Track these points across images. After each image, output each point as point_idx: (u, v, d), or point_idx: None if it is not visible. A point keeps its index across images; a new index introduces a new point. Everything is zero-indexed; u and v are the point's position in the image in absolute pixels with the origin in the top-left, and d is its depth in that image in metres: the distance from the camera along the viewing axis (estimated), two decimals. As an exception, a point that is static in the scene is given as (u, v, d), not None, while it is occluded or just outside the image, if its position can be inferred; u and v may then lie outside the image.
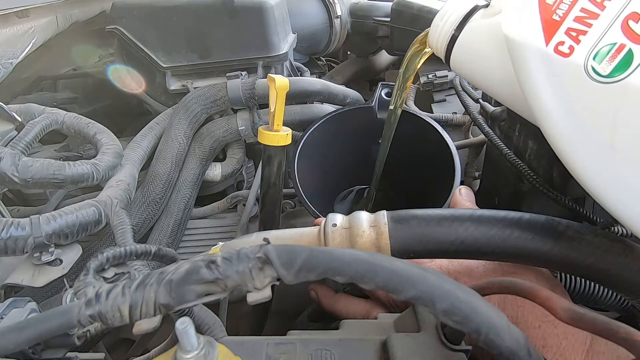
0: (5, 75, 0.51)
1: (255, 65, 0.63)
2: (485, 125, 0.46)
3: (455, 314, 0.18)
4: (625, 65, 0.22)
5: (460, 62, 0.34)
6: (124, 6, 0.61)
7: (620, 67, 0.22)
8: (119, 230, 0.43)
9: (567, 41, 0.24)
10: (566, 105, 0.24)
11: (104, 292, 0.19)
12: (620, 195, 0.23)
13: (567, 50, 0.24)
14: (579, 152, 0.24)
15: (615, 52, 0.22)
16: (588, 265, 0.28)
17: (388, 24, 0.92)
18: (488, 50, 0.30)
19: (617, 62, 0.22)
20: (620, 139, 0.23)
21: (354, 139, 0.57)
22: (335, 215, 0.34)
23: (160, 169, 0.56)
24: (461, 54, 0.33)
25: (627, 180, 0.23)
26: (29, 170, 0.41)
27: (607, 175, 0.24)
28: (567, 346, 0.28)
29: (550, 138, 0.25)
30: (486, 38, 0.31)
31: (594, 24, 0.23)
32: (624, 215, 0.24)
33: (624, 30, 0.22)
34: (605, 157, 0.23)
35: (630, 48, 0.22)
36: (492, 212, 0.30)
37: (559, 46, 0.24)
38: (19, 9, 0.53)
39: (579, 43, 0.23)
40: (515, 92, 0.27)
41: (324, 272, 0.19)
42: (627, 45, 0.22)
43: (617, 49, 0.22)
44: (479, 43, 0.31)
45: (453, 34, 0.33)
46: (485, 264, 0.34)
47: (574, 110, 0.24)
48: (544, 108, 0.25)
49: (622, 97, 0.22)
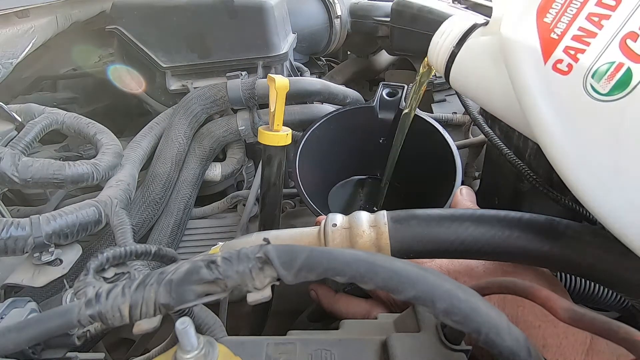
0: (5, 75, 0.51)
1: (255, 65, 0.63)
2: (485, 125, 0.46)
3: (455, 314, 0.18)
4: (625, 84, 0.22)
5: (459, 79, 0.34)
6: (124, 6, 0.61)
7: (619, 86, 0.22)
8: (119, 230, 0.43)
9: (566, 59, 0.24)
10: (566, 123, 0.24)
11: (104, 292, 0.19)
12: (629, 218, 0.23)
13: (566, 68, 0.24)
14: (581, 172, 0.24)
15: (614, 71, 0.22)
16: (588, 265, 0.28)
17: (388, 24, 0.92)
18: (487, 67, 0.30)
19: (615, 80, 0.22)
20: (623, 160, 0.22)
21: (355, 138, 0.57)
22: (335, 215, 0.34)
23: (160, 169, 0.56)
24: (460, 71, 0.33)
25: (635, 202, 0.23)
26: (29, 170, 0.41)
27: (613, 198, 0.23)
28: (567, 346, 0.28)
29: (551, 157, 0.25)
30: (485, 55, 0.31)
31: (592, 42, 0.23)
32: (635, 239, 0.23)
33: (622, 49, 0.22)
34: (609, 179, 0.23)
35: (629, 67, 0.22)
36: (492, 212, 0.30)
37: (558, 64, 0.24)
38: (19, 9, 0.53)
39: (577, 61, 0.23)
40: (515, 109, 0.27)
41: (323, 272, 0.19)
42: (626, 64, 0.22)
43: (616, 68, 0.22)
44: (478, 60, 0.31)
45: (452, 51, 0.33)
46: (485, 264, 0.34)
47: (574, 130, 0.24)
48: (544, 127, 0.25)
49: (623, 115, 0.22)
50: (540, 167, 0.39)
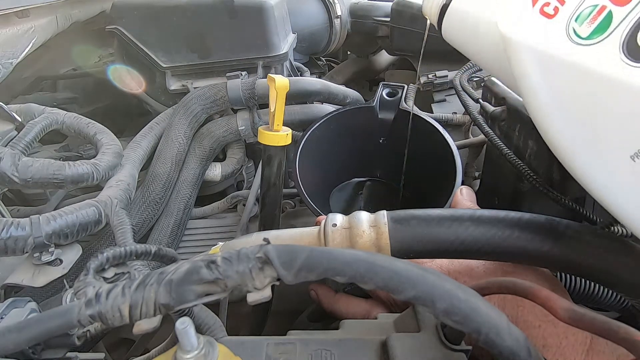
0: (5, 75, 0.51)
1: (255, 65, 0.63)
2: (485, 125, 0.46)
3: (455, 314, 0.18)
4: (604, 27, 0.22)
5: (451, 31, 0.34)
6: (124, 6, 0.61)
7: (599, 29, 0.22)
8: (119, 230, 0.43)
9: (553, 2, 0.24)
10: (547, 73, 0.24)
11: (104, 292, 0.19)
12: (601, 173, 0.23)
13: (552, 11, 0.24)
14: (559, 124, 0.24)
15: (597, 14, 0.22)
16: (588, 265, 0.28)
17: (388, 24, 0.92)
18: (477, 18, 0.30)
19: (597, 23, 0.22)
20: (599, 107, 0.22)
21: (355, 138, 0.57)
22: (335, 215, 0.34)
23: (160, 169, 0.56)
24: (452, 23, 0.33)
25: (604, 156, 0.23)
26: (29, 170, 0.41)
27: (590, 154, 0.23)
28: (567, 345, 0.28)
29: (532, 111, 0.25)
30: (475, 7, 0.31)
31: None
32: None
33: None
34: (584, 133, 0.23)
35: (610, 10, 0.22)
36: (492, 212, 0.30)
37: (545, 7, 0.24)
38: (19, 9, 0.53)
39: (564, 4, 0.23)
40: (503, 62, 0.27)
41: (323, 272, 0.19)
42: (608, 7, 0.22)
43: (599, 11, 0.22)
44: (468, 12, 0.32)
45: (444, 3, 0.33)
46: (486, 264, 0.34)
47: (553, 78, 0.24)
48: (526, 79, 0.25)
49: (598, 60, 0.22)
50: (540, 167, 0.39)
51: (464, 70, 0.67)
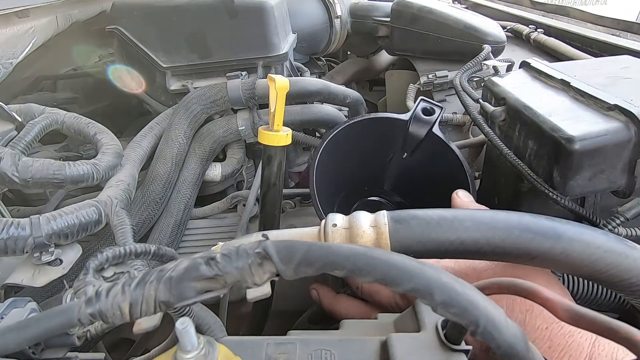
0: (5, 75, 0.51)
1: (255, 65, 0.63)
2: (485, 125, 0.46)
3: (453, 306, 0.18)
4: None
5: None
6: (124, 6, 0.61)
7: None
8: (119, 230, 0.43)
9: None
10: None
11: (103, 291, 0.19)
12: None
13: None
14: None
15: None
16: (588, 265, 0.28)
17: (388, 24, 0.92)
18: None
19: None
20: None
21: (373, 147, 0.55)
22: (335, 215, 0.33)
23: (160, 169, 0.56)
24: None
25: None
26: (29, 170, 0.41)
27: None
28: (573, 343, 0.28)
29: None
30: None
31: None
32: None
33: None
34: None
35: None
36: (492, 212, 0.30)
37: None
38: (19, 9, 0.53)
39: None
40: None
41: (322, 266, 0.19)
42: None
43: None
44: None
45: None
46: (491, 265, 0.34)
47: None
48: None
49: None
50: (540, 167, 0.39)
51: (464, 70, 0.67)
